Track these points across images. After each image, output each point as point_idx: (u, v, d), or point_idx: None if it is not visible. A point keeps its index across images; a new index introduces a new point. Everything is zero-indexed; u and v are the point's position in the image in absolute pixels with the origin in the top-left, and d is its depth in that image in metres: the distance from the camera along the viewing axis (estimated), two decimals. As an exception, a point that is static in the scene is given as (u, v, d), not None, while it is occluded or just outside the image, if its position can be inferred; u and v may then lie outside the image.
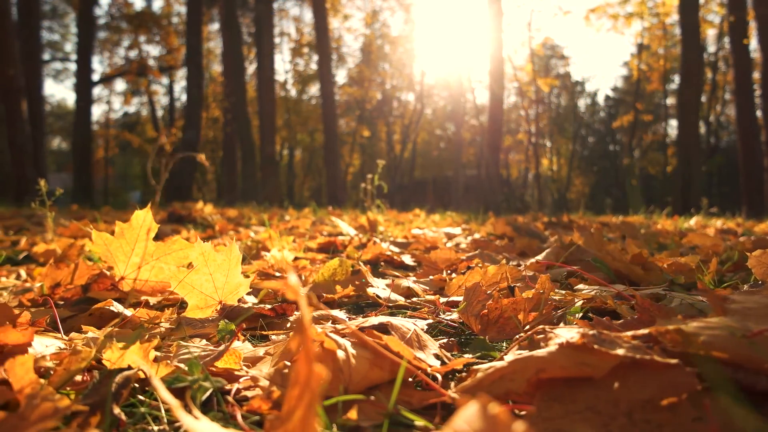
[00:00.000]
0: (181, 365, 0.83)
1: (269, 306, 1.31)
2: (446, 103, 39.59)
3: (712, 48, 26.60)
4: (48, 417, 0.57)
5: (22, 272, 2.35)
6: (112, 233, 1.63)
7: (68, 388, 0.72)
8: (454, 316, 1.21)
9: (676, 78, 31.00)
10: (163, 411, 0.72)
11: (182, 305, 1.51)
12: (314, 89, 36.27)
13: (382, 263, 2.35)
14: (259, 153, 19.80)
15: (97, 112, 39.61)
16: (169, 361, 0.84)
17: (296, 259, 2.49)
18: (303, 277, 1.86)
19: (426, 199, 31.79)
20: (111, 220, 4.39)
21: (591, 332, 0.77)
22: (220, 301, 1.33)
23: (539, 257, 1.99)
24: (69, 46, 33.80)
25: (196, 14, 17.39)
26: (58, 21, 31.60)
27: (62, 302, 1.58)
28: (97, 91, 32.65)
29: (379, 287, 1.59)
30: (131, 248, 1.64)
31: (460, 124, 31.80)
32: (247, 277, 1.33)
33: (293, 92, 36.15)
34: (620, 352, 0.72)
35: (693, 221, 6.03)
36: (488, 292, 1.10)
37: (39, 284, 1.64)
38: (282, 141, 36.21)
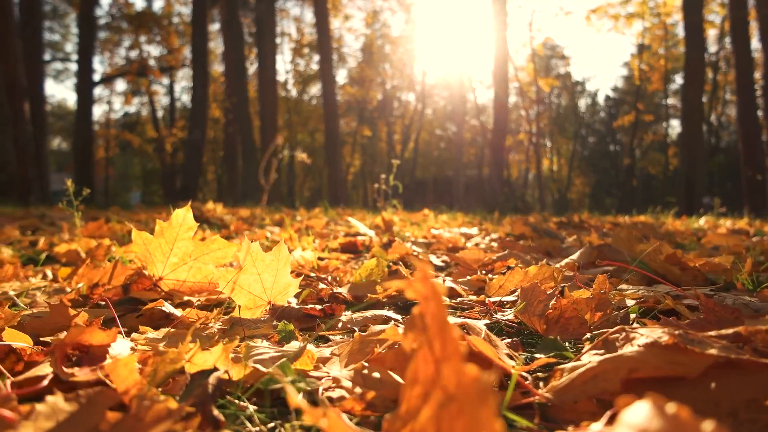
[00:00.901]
0: (258, 366, 0.83)
1: (320, 307, 1.31)
2: (446, 103, 39.62)
3: (712, 48, 26.64)
4: (163, 419, 0.56)
5: (48, 272, 2.34)
6: (152, 232, 1.63)
7: (158, 389, 0.72)
8: (510, 316, 1.21)
9: (677, 78, 31.08)
10: (251, 410, 0.72)
11: (225, 305, 1.51)
12: (315, 89, 36.30)
13: (410, 263, 2.34)
14: (260, 153, 19.78)
15: (97, 112, 39.60)
16: (247, 362, 0.84)
17: (321, 259, 2.48)
18: (338, 278, 1.86)
19: (426, 198, 31.81)
20: (125, 220, 4.38)
21: (677, 332, 0.77)
22: (269, 301, 1.33)
23: (573, 257, 1.99)
24: (69, 47, 33.80)
25: (201, 14, 17.39)
26: (59, 21, 31.58)
27: (103, 303, 1.57)
28: (97, 91, 32.60)
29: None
30: (170, 248, 1.64)
31: (461, 124, 31.81)
32: (297, 276, 1.33)
33: (294, 92, 36.16)
34: (713, 351, 0.72)
35: (702, 221, 6.03)
36: (548, 292, 1.10)
37: (80, 284, 1.64)
38: (282, 141, 36.16)
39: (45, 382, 0.65)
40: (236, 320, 1.25)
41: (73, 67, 32.94)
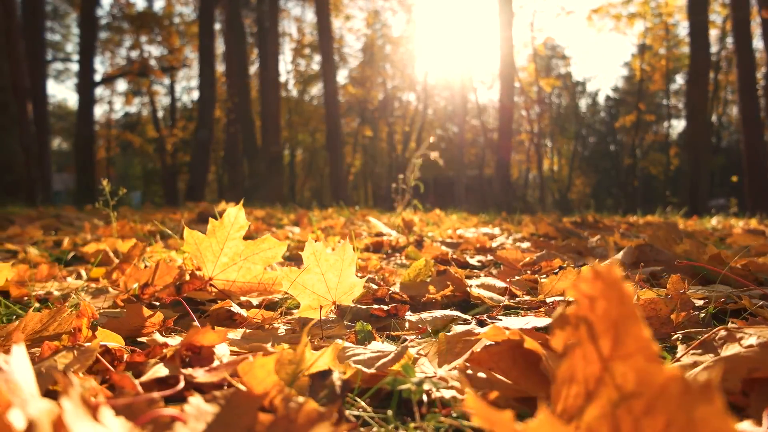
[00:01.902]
0: (361, 367, 0.82)
1: (386, 307, 1.30)
2: (447, 103, 39.63)
3: (713, 48, 26.68)
4: (316, 421, 0.56)
5: (83, 272, 2.33)
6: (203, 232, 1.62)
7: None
8: (579, 315, 1.20)
9: (678, 78, 31.13)
10: (369, 410, 0.72)
11: (285, 305, 1.50)
12: (315, 90, 36.29)
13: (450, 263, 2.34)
14: (262, 153, 19.77)
15: (98, 112, 39.48)
16: (351, 363, 0.83)
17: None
18: (384, 277, 1.85)
19: (428, 199, 31.77)
20: (142, 220, 4.37)
21: (789, 332, 0.77)
22: (333, 301, 1.32)
23: (618, 257, 1.98)
24: (70, 47, 33.75)
25: (208, 13, 17.35)
26: (60, 21, 31.51)
27: (157, 303, 1.57)
28: (98, 91, 32.52)
29: (472, 286, 1.58)
30: (220, 247, 1.63)
31: (462, 124, 31.82)
32: (362, 277, 1.32)
33: (294, 92, 36.14)
34: (835, 351, 0.71)
35: (715, 221, 6.04)
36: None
37: (135, 285, 1.63)
38: (283, 141, 36.15)
39: (181, 385, 0.64)
40: (306, 320, 1.24)
41: (74, 67, 32.92)
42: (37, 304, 1.66)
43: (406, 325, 1.25)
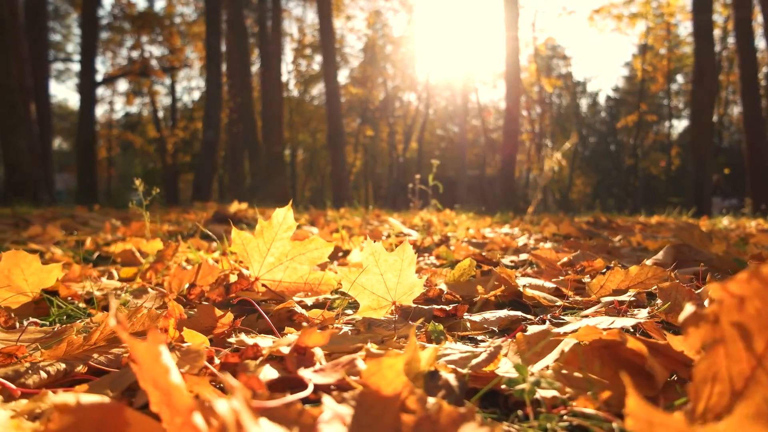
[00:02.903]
0: (454, 367, 0.82)
1: (447, 308, 1.30)
2: (448, 103, 39.65)
3: (715, 48, 26.72)
4: (460, 422, 0.56)
5: (114, 272, 2.33)
6: (253, 232, 1.62)
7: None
8: (643, 315, 1.20)
9: (679, 78, 31.18)
10: (479, 410, 0.71)
11: (340, 306, 1.50)
12: (316, 90, 36.28)
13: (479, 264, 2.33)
14: (264, 152, 19.75)
15: (99, 112, 39.39)
16: (445, 363, 0.83)
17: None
18: (427, 278, 1.85)
19: (428, 199, 31.79)
20: (160, 220, 4.36)
21: None
22: (393, 301, 1.32)
23: (658, 257, 1.99)
24: (71, 47, 33.72)
25: (215, 13, 17.34)
26: (61, 21, 31.48)
27: (206, 303, 1.56)
28: (99, 91, 32.47)
29: (524, 287, 1.58)
30: (267, 248, 1.64)
31: (463, 124, 31.84)
32: (422, 277, 1.32)
33: (295, 93, 36.13)
34: None
35: (726, 221, 6.05)
36: (697, 291, 1.10)
37: (186, 285, 1.62)
38: (284, 141, 36.14)
39: (311, 387, 0.64)
40: (370, 321, 1.24)
41: (75, 67, 32.93)
42: (82, 304, 1.65)
43: (467, 324, 1.25)
